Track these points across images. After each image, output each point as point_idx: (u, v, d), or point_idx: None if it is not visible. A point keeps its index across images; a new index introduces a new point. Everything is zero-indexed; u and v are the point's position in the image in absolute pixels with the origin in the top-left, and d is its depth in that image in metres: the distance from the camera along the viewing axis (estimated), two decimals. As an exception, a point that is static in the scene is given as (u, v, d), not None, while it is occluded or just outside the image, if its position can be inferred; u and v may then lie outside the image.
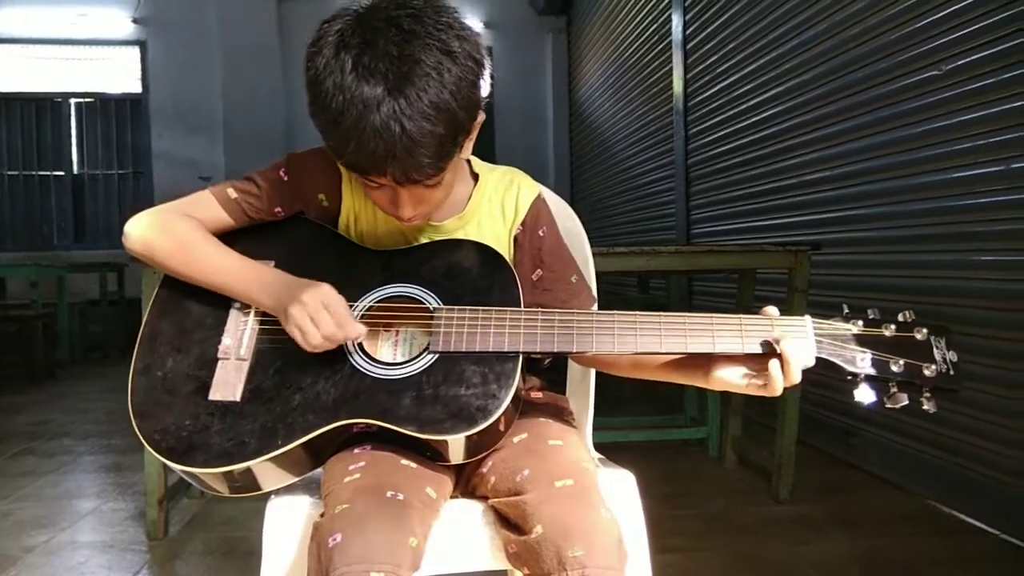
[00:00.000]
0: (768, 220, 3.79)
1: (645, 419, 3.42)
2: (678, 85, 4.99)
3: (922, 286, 2.62)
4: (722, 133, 4.36)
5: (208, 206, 1.14)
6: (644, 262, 2.55)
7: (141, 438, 1.02)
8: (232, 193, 1.14)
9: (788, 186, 3.56)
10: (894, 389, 0.96)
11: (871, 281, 2.92)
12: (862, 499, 2.66)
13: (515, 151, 7.70)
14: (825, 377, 0.97)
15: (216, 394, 1.04)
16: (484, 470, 1.05)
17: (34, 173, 8.16)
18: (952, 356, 0.96)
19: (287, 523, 1.04)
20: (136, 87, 8.18)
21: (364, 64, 0.91)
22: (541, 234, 1.19)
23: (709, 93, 4.55)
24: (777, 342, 0.95)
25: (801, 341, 0.95)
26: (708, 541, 2.29)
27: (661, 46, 5.38)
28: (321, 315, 0.99)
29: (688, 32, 4.87)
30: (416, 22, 0.93)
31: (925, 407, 0.95)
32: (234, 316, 1.10)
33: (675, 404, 3.54)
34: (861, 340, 0.97)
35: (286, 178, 1.15)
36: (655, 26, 5.53)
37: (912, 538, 2.29)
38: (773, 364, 0.94)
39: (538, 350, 1.03)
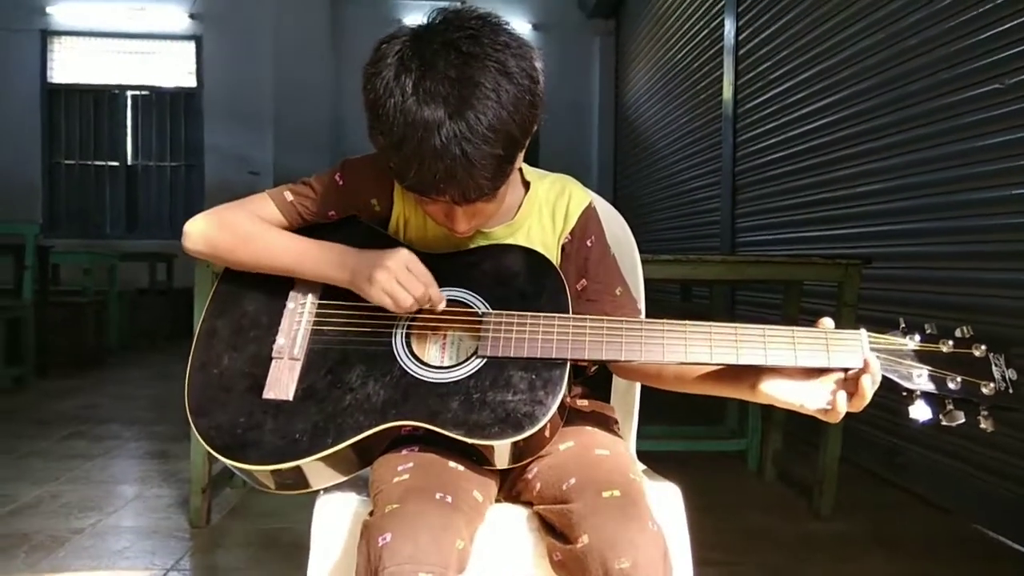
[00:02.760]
0: (816, 231, 3.73)
1: (684, 428, 3.39)
2: (728, 91, 4.94)
3: (976, 304, 2.56)
4: (772, 141, 4.30)
5: (263, 206, 1.16)
6: (689, 270, 2.53)
7: (197, 434, 1.05)
8: (288, 196, 1.16)
9: (838, 197, 3.50)
10: (951, 407, 0.94)
11: (922, 297, 2.86)
12: (906, 520, 2.61)
13: (559, 153, 7.70)
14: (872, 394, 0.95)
15: (270, 393, 1.06)
16: (530, 476, 1.06)
17: (90, 163, 8.40)
18: (1012, 374, 0.94)
19: (335, 520, 1.05)
20: (191, 81, 8.36)
21: (425, 88, 0.92)
22: (589, 244, 1.19)
23: (760, 100, 4.50)
24: (867, 365, 0.93)
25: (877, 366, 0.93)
26: (747, 555, 2.26)
27: (712, 51, 5.33)
28: (407, 276, 1.02)
29: (740, 38, 4.82)
30: (474, 43, 0.93)
31: (983, 426, 0.93)
32: (288, 316, 1.12)
33: (715, 415, 3.51)
34: (918, 356, 0.95)
35: (341, 183, 1.16)
36: (706, 31, 5.48)
37: (958, 562, 2.23)
38: (842, 389, 0.94)
39: (586, 357, 1.03)
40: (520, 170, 1.20)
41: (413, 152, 0.93)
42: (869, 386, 0.92)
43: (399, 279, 1.02)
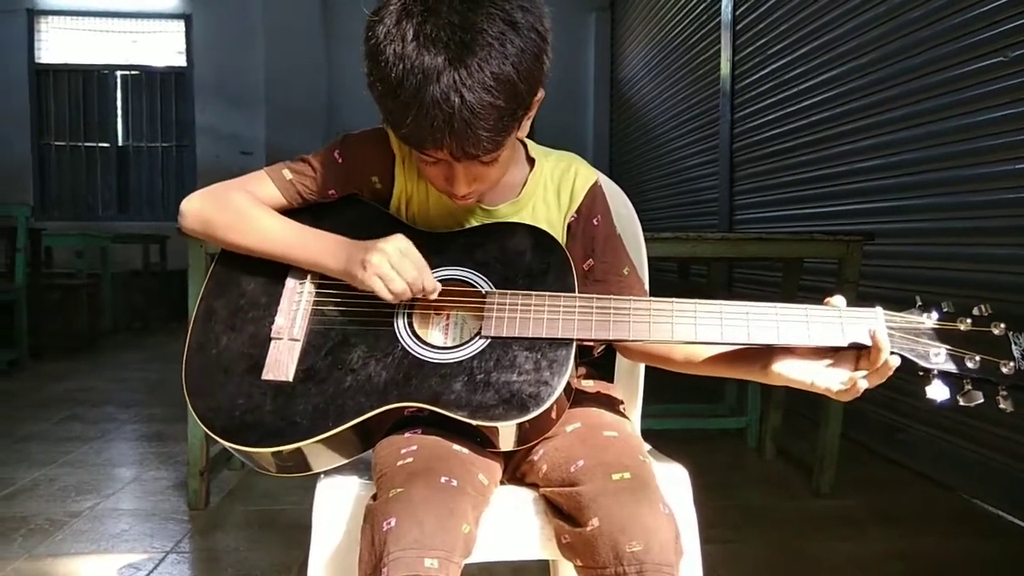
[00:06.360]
0: (815, 208, 3.70)
1: (683, 407, 3.38)
2: (725, 67, 4.89)
3: (979, 280, 2.54)
4: (770, 117, 4.26)
5: (262, 185, 1.13)
6: (689, 248, 2.50)
7: (195, 416, 1.02)
8: (287, 174, 1.13)
9: (838, 173, 3.48)
10: (968, 387, 0.92)
11: (923, 273, 2.84)
12: (906, 496, 2.61)
13: (554, 131, 7.57)
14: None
15: (269, 374, 1.03)
16: (535, 458, 1.04)
17: (80, 144, 8.31)
18: None
19: (336, 503, 1.03)
20: (181, 61, 8.25)
21: (426, 33, 0.89)
22: (595, 223, 1.16)
23: (758, 76, 4.45)
24: (874, 334, 0.91)
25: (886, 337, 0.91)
26: (746, 533, 2.26)
27: (709, 26, 5.27)
28: (402, 261, 1.00)
29: (738, 12, 4.76)
30: None
31: (1002, 406, 0.91)
32: (287, 296, 1.09)
33: (714, 393, 3.50)
34: (935, 334, 0.93)
35: (341, 160, 1.13)
36: (703, 5, 5.42)
37: (958, 538, 2.24)
38: (860, 367, 0.92)
39: (592, 337, 1.00)
40: (525, 147, 1.17)
41: (410, 98, 0.90)
42: (888, 362, 0.91)
43: (392, 262, 0.99)
